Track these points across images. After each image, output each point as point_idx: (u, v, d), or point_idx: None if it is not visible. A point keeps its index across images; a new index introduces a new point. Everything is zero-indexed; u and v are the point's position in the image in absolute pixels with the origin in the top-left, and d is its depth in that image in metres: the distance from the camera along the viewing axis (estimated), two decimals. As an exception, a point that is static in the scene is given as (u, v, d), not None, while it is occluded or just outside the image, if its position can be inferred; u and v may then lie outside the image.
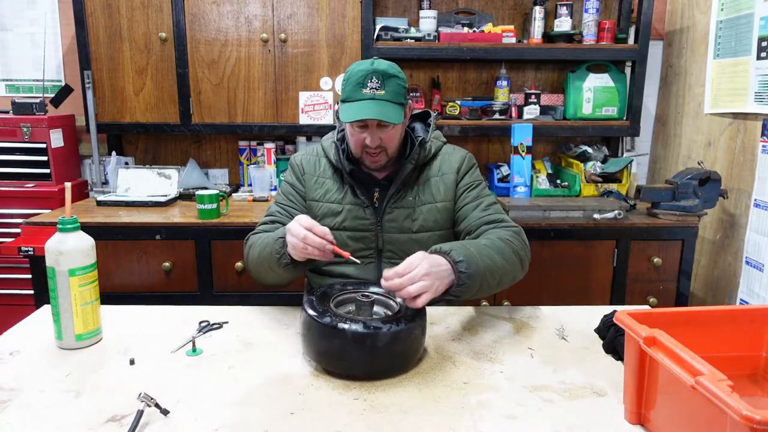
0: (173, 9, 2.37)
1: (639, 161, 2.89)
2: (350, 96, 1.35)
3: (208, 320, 1.31)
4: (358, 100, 1.34)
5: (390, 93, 1.34)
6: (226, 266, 2.18)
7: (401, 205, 1.46)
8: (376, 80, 1.33)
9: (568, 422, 0.94)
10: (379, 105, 1.33)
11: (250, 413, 0.95)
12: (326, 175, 1.50)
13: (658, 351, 0.82)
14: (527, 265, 1.39)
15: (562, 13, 2.50)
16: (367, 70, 1.34)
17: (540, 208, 2.18)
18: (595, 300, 2.20)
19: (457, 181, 1.49)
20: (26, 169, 2.51)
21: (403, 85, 1.38)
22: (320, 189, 1.49)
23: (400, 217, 1.45)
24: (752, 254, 2.12)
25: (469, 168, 1.52)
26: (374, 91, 1.33)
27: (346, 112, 1.35)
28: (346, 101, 1.36)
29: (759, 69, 2.06)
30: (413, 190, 1.47)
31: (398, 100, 1.36)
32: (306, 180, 1.51)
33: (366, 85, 1.33)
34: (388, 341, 1.04)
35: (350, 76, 1.36)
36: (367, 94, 1.33)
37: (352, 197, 1.46)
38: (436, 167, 1.50)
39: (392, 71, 1.35)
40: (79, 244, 1.15)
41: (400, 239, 1.45)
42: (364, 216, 1.45)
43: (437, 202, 1.48)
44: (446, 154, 1.52)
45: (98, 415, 0.94)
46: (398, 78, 1.36)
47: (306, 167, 1.53)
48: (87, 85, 2.41)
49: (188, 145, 2.77)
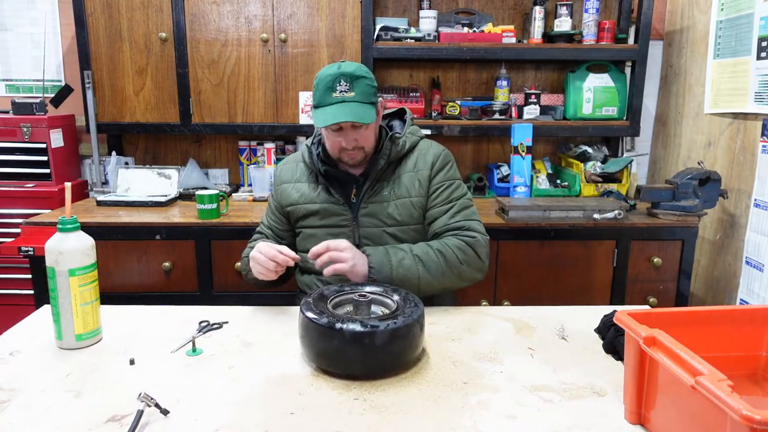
0: (173, 9, 2.37)
1: (639, 161, 2.89)
2: (321, 101, 1.38)
3: (208, 320, 1.31)
4: (329, 105, 1.37)
5: (359, 94, 1.37)
6: (226, 266, 2.18)
7: (376, 200, 1.49)
8: (344, 83, 1.36)
9: (568, 422, 0.94)
10: (350, 107, 1.36)
11: (250, 413, 0.95)
12: (302, 179, 1.55)
13: (658, 351, 0.82)
14: (474, 274, 1.45)
15: (562, 13, 2.50)
16: (335, 74, 1.36)
17: (540, 208, 2.18)
18: (595, 300, 2.20)
19: (430, 177, 1.51)
20: (26, 169, 2.51)
21: (372, 85, 1.41)
22: (296, 194, 1.54)
23: (376, 212, 1.49)
24: (752, 254, 2.12)
25: (443, 165, 1.53)
26: (344, 93, 1.36)
27: (319, 117, 1.38)
28: (318, 107, 1.39)
29: (759, 69, 2.06)
30: (388, 185, 1.50)
31: (368, 100, 1.39)
32: (282, 190, 1.57)
33: (335, 88, 1.36)
34: (386, 339, 1.04)
35: (319, 81, 1.39)
36: (337, 98, 1.36)
37: (327, 195, 1.50)
38: (411, 162, 1.52)
39: (359, 72, 1.38)
40: (79, 244, 1.15)
41: (376, 233, 1.49)
42: (340, 212, 1.49)
43: (412, 197, 1.50)
44: (422, 150, 1.54)
45: (98, 415, 0.94)
46: (366, 78, 1.39)
47: (284, 175, 1.59)
48: (87, 85, 2.41)
49: (188, 145, 2.77)
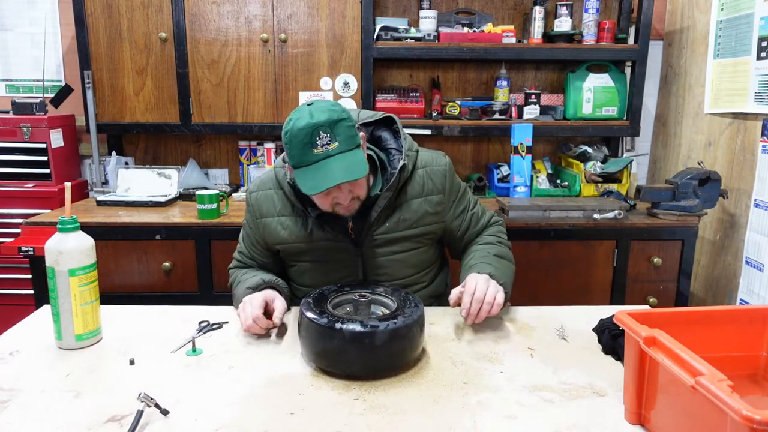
0: (173, 9, 2.37)
1: (639, 161, 2.89)
2: (302, 161, 1.19)
3: (208, 320, 1.31)
4: (312, 163, 1.18)
5: (343, 142, 1.19)
6: (226, 266, 2.13)
7: (383, 230, 1.37)
8: (324, 135, 1.17)
9: (568, 422, 0.94)
10: (338, 161, 1.18)
11: (250, 413, 0.95)
12: (285, 212, 1.38)
13: (658, 351, 0.82)
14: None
15: (562, 13, 2.50)
16: (310, 127, 1.16)
17: (540, 208, 2.18)
18: (595, 300, 2.20)
19: (444, 199, 1.42)
20: (26, 169, 2.51)
21: (351, 124, 1.21)
22: (283, 231, 1.38)
23: (383, 243, 1.38)
24: (752, 254, 2.12)
25: (452, 182, 1.43)
26: (326, 147, 1.17)
27: (306, 182, 1.19)
28: (299, 167, 1.19)
29: (759, 69, 2.06)
30: (394, 214, 1.37)
31: (353, 144, 1.21)
32: (264, 225, 1.40)
33: (315, 143, 1.17)
34: (386, 339, 1.04)
35: (291, 138, 1.18)
36: (320, 154, 1.17)
37: (322, 233, 1.36)
38: (417, 185, 1.38)
39: (335, 116, 1.18)
40: (79, 244, 1.15)
41: (384, 263, 1.39)
42: (341, 249, 1.37)
43: (425, 225, 1.40)
44: (424, 168, 1.39)
45: (98, 415, 0.94)
46: (345, 120, 1.20)
47: (262, 208, 1.40)
48: (87, 85, 2.41)
49: (188, 145, 2.77)
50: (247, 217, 1.46)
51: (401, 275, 1.42)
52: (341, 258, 1.39)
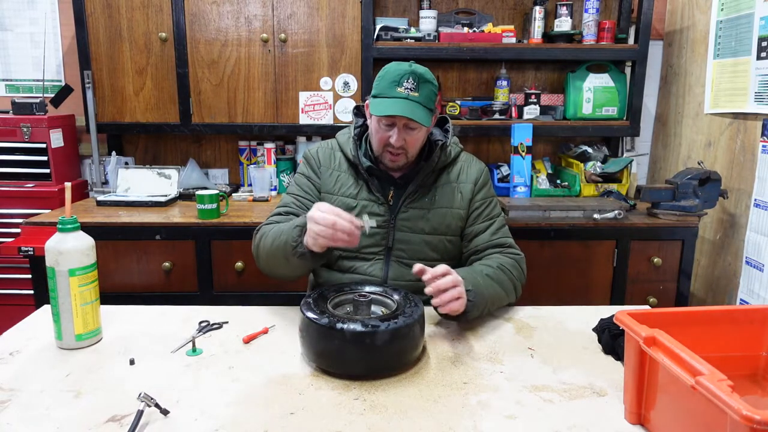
0: (173, 9, 2.37)
1: (639, 161, 2.89)
2: (383, 92, 1.35)
3: (208, 320, 1.31)
4: (391, 97, 1.34)
5: (423, 97, 1.35)
6: (226, 266, 2.18)
7: (417, 206, 1.46)
8: (412, 81, 1.33)
9: (568, 422, 0.94)
10: (412, 105, 1.33)
11: (250, 413, 0.95)
12: (341, 169, 1.51)
13: (658, 351, 0.82)
14: (520, 292, 1.46)
15: (562, 13, 2.50)
16: (405, 70, 1.34)
17: (540, 208, 2.18)
18: (595, 300, 2.20)
19: (473, 192, 1.51)
20: (26, 169, 2.51)
21: (435, 92, 1.39)
22: (336, 182, 1.50)
23: (415, 217, 1.46)
24: (752, 254, 2.12)
25: (485, 183, 1.54)
26: (409, 91, 1.33)
27: (378, 106, 1.35)
28: (378, 96, 1.37)
29: (759, 69, 2.06)
30: (430, 193, 1.48)
31: (429, 105, 1.37)
32: (322, 172, 1.52)
33: (402, 84, 1.33)
34: (386, 339, 1.04)
35: (386, 73, 1.37)
36: (401, 93, 1.33)
37: (368, 193, 1.47)
38: (454, 173, 1.51)
39: (428, 77, 1.37)
40: (79, 244, 1.15)
41: (412, 239, 1.46)
42: (378, 213, 1.45)
43: (453, 208, 1.48)
44: (465, 163, 1.54)
45: (98, 415, 0.94)
46: (432, 84, 1.37)
47: (322, 160, 1.53)
48: (87, 85, 2.41)
49: (188, 145, 2.77)
50: (303, 170, 1.55)
51: (424, 256, 1.44)
52: (377, 222, 1.43)
